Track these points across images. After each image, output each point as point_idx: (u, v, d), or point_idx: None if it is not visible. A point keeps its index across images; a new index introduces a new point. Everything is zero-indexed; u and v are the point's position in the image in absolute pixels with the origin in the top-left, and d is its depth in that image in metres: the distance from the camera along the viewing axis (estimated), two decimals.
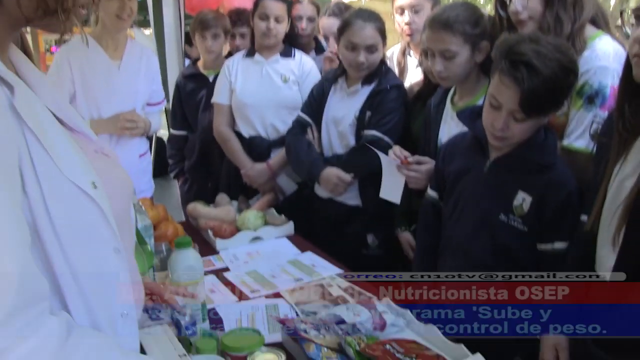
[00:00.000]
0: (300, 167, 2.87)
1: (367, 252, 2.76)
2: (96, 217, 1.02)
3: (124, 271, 1.09)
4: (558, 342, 1.65)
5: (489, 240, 1.83)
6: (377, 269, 2.62)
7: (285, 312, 1.96)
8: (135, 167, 3.15)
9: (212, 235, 2.62)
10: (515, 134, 1.75)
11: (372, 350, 1.47)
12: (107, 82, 2.98)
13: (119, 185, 1.14)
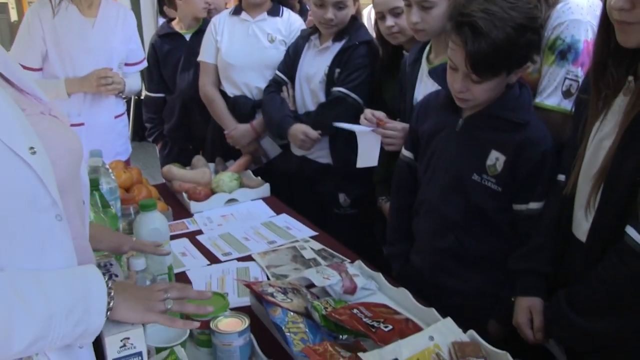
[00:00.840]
0: (271, 124, 2.83)
1: (339, 212, 2.75)
2: (33, 184, 0.97)
3: (67, 238, 1.05)
4: (532, 304, 1.62)
5: (462, 201, 1.79)
6: (350, 228, 2.61)
7: (256, 275, 1.93)
8: (110, 128, 3.08)
9: (186, 198, 2.57)
10: (476, 95, 1.69)
11: (338, 314, 1.43)
12: (80, 40, 2.87)
13: (66, 149, 1.08)
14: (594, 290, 1.41)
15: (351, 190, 2.71)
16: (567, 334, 1.52)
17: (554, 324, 1.56)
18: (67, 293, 0.98)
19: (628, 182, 1.31)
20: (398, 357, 1.34)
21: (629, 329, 1.36)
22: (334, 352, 1.33)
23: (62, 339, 0.98)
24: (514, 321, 1.67)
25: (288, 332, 1.42)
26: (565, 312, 1.47)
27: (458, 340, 1.44)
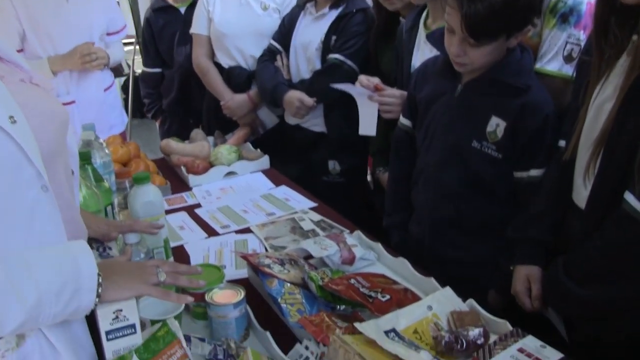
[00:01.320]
0: (265, 91, 2.79)
1: (327, 179, 2.74)
2: (15, 154, 0.94)
3: (54, 210, 1.02)
4: (531, 272, 1.60)
5: (462, 169, 1.75)
6: (343, 198, 2.59)
7: (254, 247, 1.91)
8: (102, 101, 3.04)
9: (185, 171, 2.55)
10: (473, 59, 1.64)
11: (335, 284, 1.41)
12: (56, 17, 2.77)
13: (49, 117, 1.05)
14: (591, 257, 1.38)
15: (343, 158, 2.70)
16: (564, 302, 1.49)
17: (551, 292, 1.54)
18: (56, 274, 0.96)
19: (628, 146, 1.28)
20: (395, 327, 1.33)
21: (625, 296, 1.34)
22: (331, 322, 1.31)
23: (53, 318, 0.96)
24: (512, 290, 1.65)
25: (284, 303, 1.40)
26: (562, 280, 1.44)
27: (457, 309, 1.43)
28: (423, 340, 1.33)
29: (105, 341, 1.09)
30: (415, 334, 1.34)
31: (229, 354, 1.27)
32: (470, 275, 1.75)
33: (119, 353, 1.10)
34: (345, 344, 1.18)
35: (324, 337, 1.26)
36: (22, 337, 1.00)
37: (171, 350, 1.13)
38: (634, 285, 1.31)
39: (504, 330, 1.35)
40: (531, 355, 1.22)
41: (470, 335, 1.30)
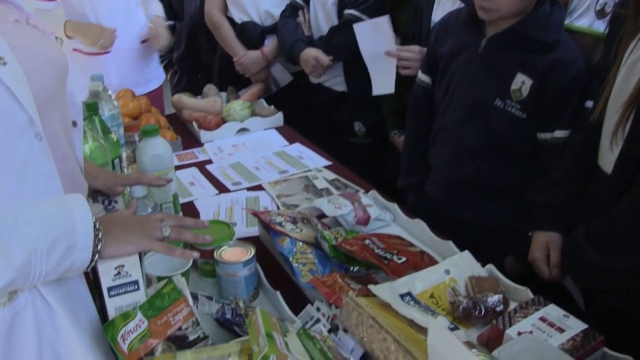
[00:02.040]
0: (284, 48, 2.70)
1: (354, 140, 2.66)
2: (4, 99, 0.87)
3: (49, 161, 0.95)
4: (550, 239, 1.53)
5: (483, 129, 1.67)
6: (365, 158, 2.53)
7: (266, 205, 1.85)
8: (138, 54, 2.92)
9: (196, 127, 2.48)
10: (500, 4, 1.55)
11: (349, 245, 1.35)
12: None
13: (44, 60, 0.98)
14: (617, 225, 1.30)
15: (366, 118, 2.61)
16: (584, 271, 1.42)
17: (571, 261, 1.46)
18: (48, 230, 0.89)
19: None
20: (411, 290, 1.27)
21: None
22: (344, 284, 1.26)
23: (44, 276, 0.90)
24: (530, 256, 1.58)
25: (296, 262, 1.35)
26: (583, 248, 1.37)
27: (475, 274, 1.37)
28: (439, 306, 1.28)
29: (107, 298, 1.04)
30: (431, 299, 1.28)
31: (237, 314, 1.22)
32: (487, 240, 1.69)
33: (121, 310, 1.06)
34: (358, 306, 1.12)
35: (336, 298, 1.21)
36: (15, 292, 0.95)
37: (177, 308, 1.08)
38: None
39: (524, 297, 1.29)
40: (553, 325, 1.16)
41: (489, 302, 1.25)
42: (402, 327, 1.09)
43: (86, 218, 0.95)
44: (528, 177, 1.66)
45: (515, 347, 1.07)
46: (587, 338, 1.12)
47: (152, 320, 1.05)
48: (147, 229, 1.08)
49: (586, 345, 1.10)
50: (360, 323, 1.10)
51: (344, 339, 1.15)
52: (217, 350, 1.04)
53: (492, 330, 1.18)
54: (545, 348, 1.06)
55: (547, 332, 1.14)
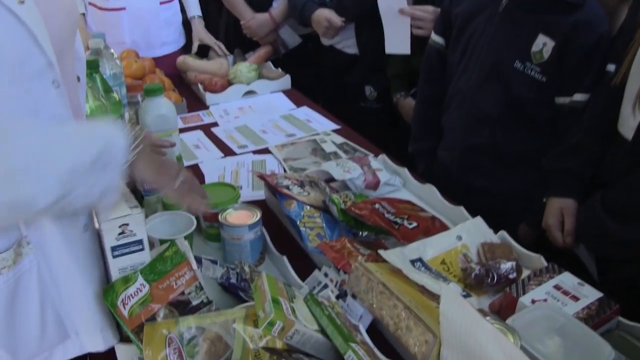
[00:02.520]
0: (295, 9, 2.63)
1: (365, 105, 2.59)
2: (24, 40, 0.82)
3: (65, 108, 0.92)
4: (565, 205, 1.48)
5: (501, 92, 1.61)
6: (376, 122, 2.47)
7: (272, 168, 1.81)
8: (155, 15, 2.76)
9: (202, 89, 2.43)
10: None
11: (358, 209, 1.31)
12: None
13: (59, 7, 0.93)
14: (636, 192, 1.26)
15: (378, 82, 2.54)
16: (600, 240, 1.38)
17: (586, 229, 1.42)
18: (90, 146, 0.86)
19: None
20: (422, 256, 1.24)
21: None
22: (352, 249, 1.22)
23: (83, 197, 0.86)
24: (544, 223, 1.53)
25: (303, 226, 1.31)
26: (600, 216, 1.33)
27: (488, 241, 1.33)
28: (451, 272, 1.24)
29: (111, 258, 1.01)
30: (442, 265, 1.25)
31: (242, 278, 1.18)
32: (500, 208, 1.64)
33: (125, 271, 1.02)
34: (368, 272, 1.09)
35: (344, 264, 1.17)
36: (20, 254, 0.92)
37: (179, 272, 1.05)
38: None
39: (537, 265, 1.25)
40: (568, 293, 1.12)
41: (501, 269, 1.21)
42: (413, 294, 1.06)
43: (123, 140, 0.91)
44: (545, 145, 1.61)
45: (529, 315, 1.03)
46: (602, 307, 1.09)
47: (154, 284, 1.02)
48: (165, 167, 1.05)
49: (601, 314, 1.07)
50: (370, 289, 1.07)
51: (353, 305, 1.12)
52: (222, 316, 1.01)
53: (505, 298, 1.14)
54: (560, 316, 1.02)
55: (561, 300, 1.10)
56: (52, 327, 0.99)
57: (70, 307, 1.00)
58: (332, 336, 0.97)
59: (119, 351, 1.04)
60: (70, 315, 1.01)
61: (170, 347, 0.96)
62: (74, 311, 1.00)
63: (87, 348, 1.04)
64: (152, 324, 0.97)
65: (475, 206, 1.47)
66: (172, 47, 2.86)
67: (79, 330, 1.02)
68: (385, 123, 2.56)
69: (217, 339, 0.99)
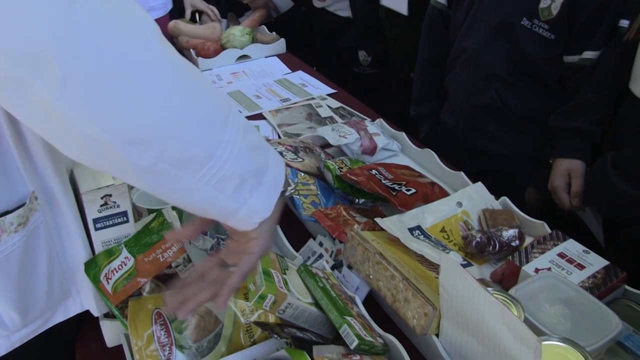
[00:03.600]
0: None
1: (359, 70, 2.52)
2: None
3: None
4: (573, 166, 1.43)
5: (508, 51, 1.54)
6: (370, 87, 2.41)
7: (266, 134, 1.75)
8: None
9: (194, 54, 2.36)
10: None
11: (354, 175, 1.25)
12: None
13: None
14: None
15: (371, 47, 2.47)
16: (610, 201, 1.33)
17: (595, 190, 1.37)
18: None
19: None
20: (421, 224, 1.19)
21: None
22: (348, 217, 1.17)
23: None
24: (550, 184, 1.49)
25: (297, 194, 1.26)
26: (610, 177, 1.28)
27: (489, 207, 1.28)
28: (451, 240, 1.19)
29: (94, 230, 0.96)
30: (442, 233, 1.20)
31: None
32: (507, 171, 1.60)
33: (109, 244, 0.98)
34: (364, 241, 1.04)
35: (340, 232, 1.12)
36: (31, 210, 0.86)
37: (166, 244, 1.00)
38: None
39: (541, 232, 1.21)
40: (573, 261, 1.07)
41: (504, 236, 1.16)
42: (411, 264, 1.01)
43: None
44: (553, 105, 1.56)
45: (533, 284, 0.99)
46: (608, 275, 1.04)
47: (139, 257, 0.97)
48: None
49: (607, 282, 1.02)
50: (366, 259, 1.02)
51: (349, 276, 1.08)
52: None
53: (507, 266, 1.10)
54: (565, 285, 0.98)
55: (566, 268, 1.06)
56: (57, 283, 0.95)
57: (73, 262, 0.96)
58: (327, 309, 0.93)
59: (105, 327, 0.99)
60: (72, 270, 0.96)
61: (157, 323, 0.92)
62: (75, 266, 0.96)
63: (86, 305, 0.99)
64: (138, 299, 0.93)
65: (482, 169, 1.43)
66: (159, 12, 2.78)
67: (80, 287, 0.98)
68: (380, 89, 2.50)
69: (206, 313, 0.95)
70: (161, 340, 0.90)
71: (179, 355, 0.90)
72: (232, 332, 0.94)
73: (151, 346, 0.89)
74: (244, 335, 0.94)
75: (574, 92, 1.49)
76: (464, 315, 0.83)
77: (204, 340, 0.93)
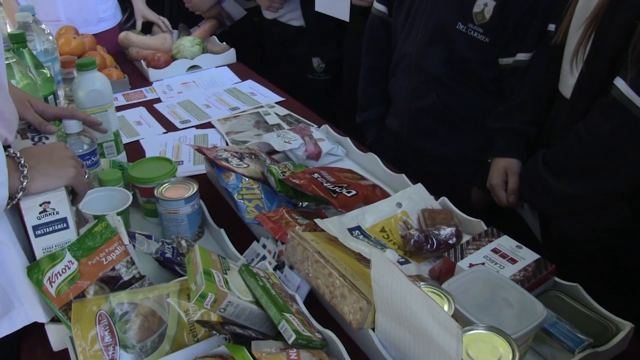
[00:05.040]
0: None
1: (313, 77, 2.56)
2: None
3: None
4: (509, 165, 1.50)
5: (445, 54, 1.61)
6: (325, 94, 2.46)
7: (215, 142, 1.78)
8: None
9: (145, 65, 2.37)
10: None
11: (296, 178, 1.28)
12: None
13: None
14: (573, 148, 1.27)
15: (326, 53, 2.52)
16: (541, 196, 1.40)
17: (528, 186, 1.44)
18: None
19: (623, 26, 1.14)
20: (361, 224, 1.23)
21: (605, 192, 1.24)
22: (290, 219, 1.20)
23: None
24: (488, 183, 1.54)
25: (241, 198, 1.28)
26: (540, 173, 1.34)
27: (429, 207, 1.32)
28: (390, 240, 1.23)
29: (34, 237, 0.97)
30: (382, 233, 1.24)
31: (179, 253, 1.16)
32: (451, 172, 1.65)
33: (50, 250, 0.99)
34: (304, 241, 1.07)
35: (282, 234, 1.16)
36: None
37: (110, 247, 1.01)
38: (614, 180, 1.21)
39: (478, 230, 1.25)
40: (506, 256, 1.13)
41: (441, 235, 1.21)
42: (349, 262, 1.05)
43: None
44: (491, 105, 1.62)
45: (465, 278, 1.03)
46: (538, 268, 1.09)
47: (83, 260, 0.99)
48: (77, 165, 1.01)
49: (537, 275, 1.08)
50: (306, 258, 1.06)
51: (290, 275, 1.11)
52: (155, 291, 0.99)
53: (444, 263, 1.14)
54: (495, 279, 1.02)
55: (499, 263, 1.11)
56: None
57: (11, 274, 0.96)
58: (266, 307, 0.96)
59: (50, 331, 1.00)
60: (11, 282, 0.97)
61: (100, 324, 0.93)
62: (15, 277, 0.97)
63: (32, 317, 1.00)
64: (81, 301, 0.94)
65: (428, 171, 1.47)
66: (109, 23, 2.79)
67: (23, 299, 0.98)
68: (335, 94, 2.55)
69: (150, 314, 0.97)
70: (105, 341, 0.91)
71: (123, 355, 0.92)
72: (176, 332, 0.96)
73: (95, 346, 0.90)
74: (188, 334, 0.96)
75: (510, 93, 1.56)
76: (395, 307, 0.87)
77: (147, 340, 0.95)
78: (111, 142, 1.53)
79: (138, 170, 1.35)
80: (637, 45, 1.10)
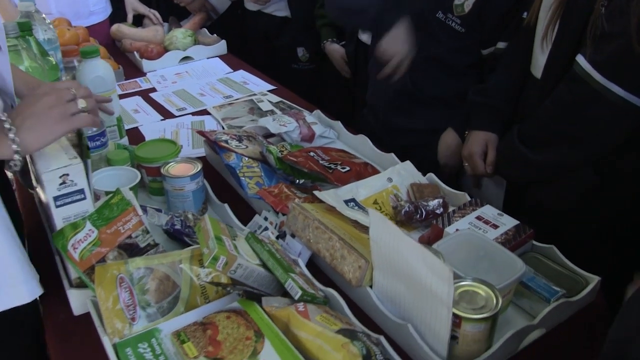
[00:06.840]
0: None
1: (298, 67, 2.65)
2: None
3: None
4: (489, 138, 1.58)
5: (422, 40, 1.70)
6: (309, 83, 2.54)
7: (211, 127, 1.86)
8: None
9: (138, 56, 2.44)
10: None
11: (294, 156, 1.38)
12: None
13: None
14: (542, 120, 1.37)
15: (310, 43, 2.60)
16: (515, 166, 1.49)
17: (505, 158, 1.52)
18: None
19: (586, 8, 1.24)
20: (355, 197, 1.32)
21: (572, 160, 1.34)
22: (290, 193, 1.30)
23: None
24: (467, 151, 1.60)
25: (242, 176, 1.37)
26: (515, 145, 1.43)
27: (417, 182, 1.42)
28: (383, 211, 1.33)
29: (54, 208, 1.05)
30: (375, 205, 1.33)
31: (186, 225, 1.24)
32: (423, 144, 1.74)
33: (69, 220, 1.07)
34: (304, 210, 1.16)
35: (282, 207, 1.25)
36: None
37: (126, 217, 1.10)
38: (579, 149, 1.31)
39: (462, 201, 1.35)
40: (489, 222, 1.23)
41: (429, 205, 1.31)
42: (346, 228, 1.14)
43: None
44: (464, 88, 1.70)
45: (453, 240, 1.13)
46: (518, 232, 1.19)
47: (102, 229, 1.07)
48: (60, 107, 1.00)
49: (517, 237, 1.18)
50: (307, 226, 1.15)
51: (292, 243, 1.20)
52: (169, 257, 1.07)
53: (433, 230, 1.24)
54: (480, 240, 1.12)
55: (483, 228, 1.21)
56: None
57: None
58: (273, 268, 1.04)
59: (72, 296, 1.08)
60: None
61: (121, 286, 1.01)
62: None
63: (13, 302, 1.02)
64: (103, 265, 1.02)
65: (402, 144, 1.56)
66: (100, 17, 2.85)
67: (1, 283, 1.01)
68: (319, 83, 2.62)
69: (165, 278, 1.05)
70: (126, 301, 1.00)
71: (142, 314, 1.00)
72: (189, 295, 1.04)
73: (117, 306, 0.99)
74: (200, 297, 1.05)
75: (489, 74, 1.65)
76: (392, 262, 0.96)
77: (164, 302, 1.03)
78: (114, 127, 1.61)
79: (144, 150, 1.43)
80: (594, 24, 1.20)
